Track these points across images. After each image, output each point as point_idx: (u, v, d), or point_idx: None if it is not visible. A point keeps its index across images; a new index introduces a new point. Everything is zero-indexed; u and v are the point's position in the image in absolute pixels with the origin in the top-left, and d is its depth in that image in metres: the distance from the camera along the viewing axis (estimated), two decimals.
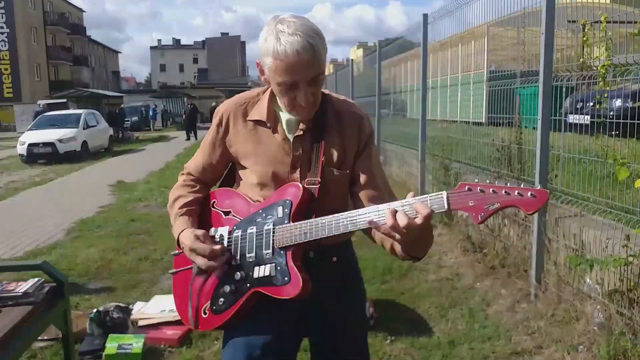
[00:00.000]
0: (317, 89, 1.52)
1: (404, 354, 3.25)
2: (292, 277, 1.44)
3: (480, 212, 1.27)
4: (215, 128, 1.67)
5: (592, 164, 3.74)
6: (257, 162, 1.59)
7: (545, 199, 1.24)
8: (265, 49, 1.45)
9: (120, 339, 3.28)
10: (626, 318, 3.08)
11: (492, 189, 1.27)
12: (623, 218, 3.35)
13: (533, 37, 5.17)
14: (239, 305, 1.51)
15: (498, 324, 3.59)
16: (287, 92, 1.48)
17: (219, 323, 1.55)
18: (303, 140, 1.57)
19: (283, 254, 1.47)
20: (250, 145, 1.61)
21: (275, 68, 1.43)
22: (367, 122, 1.68)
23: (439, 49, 8.26)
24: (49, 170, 13.87)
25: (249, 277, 1.50)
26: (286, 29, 1.41)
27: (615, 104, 4.06)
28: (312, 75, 1.46)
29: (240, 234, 1.56)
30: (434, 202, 1.32)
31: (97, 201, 8.95)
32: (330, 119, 1.62)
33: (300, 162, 1.57)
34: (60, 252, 5.67)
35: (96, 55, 67.52)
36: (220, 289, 1.54)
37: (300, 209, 1.50)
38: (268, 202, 1.56)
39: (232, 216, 1.62)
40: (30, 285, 2.19)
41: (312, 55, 1.42)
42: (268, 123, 1.59)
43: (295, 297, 1.43)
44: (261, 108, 1.61)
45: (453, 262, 4.91)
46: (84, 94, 29.92)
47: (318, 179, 1.54)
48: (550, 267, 3.85)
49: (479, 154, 5.49)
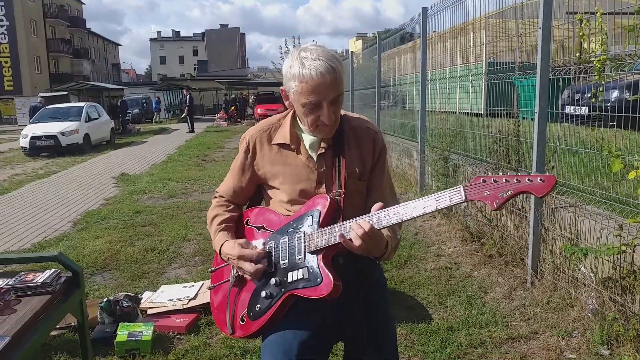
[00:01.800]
0: (338, 109, 1.66)
1: (404, 339, 3.36)
2: (324, 277, 1.55)
3: (495, 200, 1.39)
4: (244, 154, 1.82)
5: (588, 156, 3.82)
6: (285, 181, 1.75)
7: (553, 183, 1.35)
8: (290, 75, 1.61)
9: (130, 327, 3.39)
10: (619, 304, 3.19)
11: (505, 178, 1.40)
12: (617, 208, 3.45)
13: (531, 29, 5.24)
14: (275, 309, 1.63)
15: (495, 311, 3.70)
16: (312, 112, 1.62)
17: (256, 328, 1.66)
18: (325, 157, 1.73)
19: (314, 258, 1.60)
20: (278, 167, 1.77)
21: (302, 90, 1.59)
22: (380, 137, 1.83)
23: (438, 41, 8.32)
24: (51, 163, 13.96)
25: (283, 282, 1.63)
26: (309, 55, 1.58)
27: (612, 95, 4.14)
28: (334, 95, 1.60)
29: (274, 244, 1.69)
30: (453, 194, 1.45)
31: (101, 193, 9.07)
32: (349, 135, 1.77)
33: (325, 177, 1.73)
34: (67, 244, 5.78)
35: (96, 48, 67.37)
36: (257, 296, 1.67)
37: (328, 218, 1.63)
38: (298, 214, 1.69)
39: (264, 230, 1.76)
40: (47, 276, 2.28)
41: (333, 77, 1.58)
42: (292, 145, 1.75)
43: (327, 295, 1.53)
44: (284, 132, 1.77)
45: (451, 252, 5.01)
46: (84, 86, 29.86)
47: (342, 190, 1.69)
48: (546, 255, 3.95)
49: (477, 146, 5.58)
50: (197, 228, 6.27)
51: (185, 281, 4.43)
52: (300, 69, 1.58)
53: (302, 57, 1.60)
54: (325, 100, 1.60)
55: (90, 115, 17.63)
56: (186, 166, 12.29)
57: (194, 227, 6.30)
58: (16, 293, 2.17)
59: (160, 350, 3.30)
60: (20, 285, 2.22)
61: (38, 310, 2.07)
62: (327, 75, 1.56)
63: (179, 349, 3.33)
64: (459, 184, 1.47)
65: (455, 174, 5.75)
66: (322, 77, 1.56)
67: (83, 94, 28.63)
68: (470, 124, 6.23)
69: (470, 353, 3.18)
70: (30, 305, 2.10)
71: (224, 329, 1.75)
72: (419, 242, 5.28)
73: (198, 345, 3.36)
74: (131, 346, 3.27)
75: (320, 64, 1.57)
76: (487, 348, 3.22)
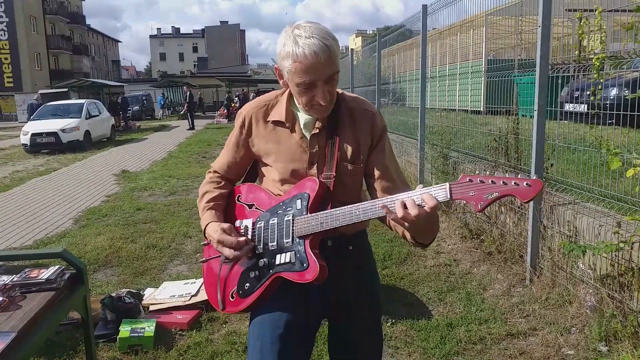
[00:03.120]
0: (333, 88, 1.62)
1: (404, 335, 3.39)
2: (310, 263, 1.57)
3: (480, 201, 1.37)
4: (239, 129, 1.80)
5: (587, 153, 3.85)
6: (278, 159, 1.72)
7: (539, 188, 1.33)
8: (284, 53, 1.57)
9: (133, 323, 3.42)
10: (617, 301, 3.22)
11: (491, 179, 1.38)
12: (615, 205, 3.47)
13: (531, 26, 5.25)
14: (263, 289, 1.65)
15: (494, 307, 3.73)
16: (306, 91, 1.58)
17: (245, 305, 1.69)
18: (319, 138, 1.70)
19: (302, 242, 1.60)
20: (271, 145, 1.74)
21: (295, 69, 1.55)
22: (379, 118, 1.78)
23: (438, 38, 8.33)
24: (52, 160, 13.99)
25: (271, 263, 1.64)
26: (303, 33, 1.53)
27: (611, 92, 4.15)
28: (328, 74, 1.56)
29: (263, 224, 1.69)
30: (438, 192, 1.42)
31: (102, 190, 9.09)
32: (344, 116, 1.73)
33: (317, 159, 1.69)
34: (69, 241, 5.80)
35: (96, 45, 67.31)
36: (246, 275, 1.69)
37: (317, 201, 1.62)
38: (288, 196, 1.68)
39: (255, 209, 1.76)
40: (52, 272, 2.31)
41: (328, 55, 1.53)
42: (287, 123, 1.71)
43: (312, 281, 1.55)
44: (280, 109, 1.73)
45: (451, 249, 5.04)
46: (84, 83, 29.82)
47: (333, 174, 1.66)
48: (545, 252, 3.98)
49: (477, 143, 5.60)
50: (198, 225, 6.29)
51: (187, 278, 4.46)
52: (293, 47, 1.53)
53: (295, 34, 1.54)
54: (319, 80, 1.56)
55: (90, 112, 17.64)
56: (187, 163, 12.32)
57: (195, 224, 6.33)
58: (21, 289, 2.20)
59: (163, 346, 3.33)
60: (25, 282, 2.25)
61: (43, 307, 2.10)
62: (321, 54, 1.52)
63: (181, 345, 3.36)
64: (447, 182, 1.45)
65: (454, 171, 5.78)
66: (316, 56, 1.52)
67: (83, 90, 28.59)
68: (469, 122, 6.25)
69: (470, 349, 3.21)
70: (35, 301, 2.14)
71: (215, 304, 1.76)
72: None
73: (200, 341, 3.39)
74: (134, 342, 3.30)
75: (314, 42, 1.52)
76: (486, 344, 3.25)
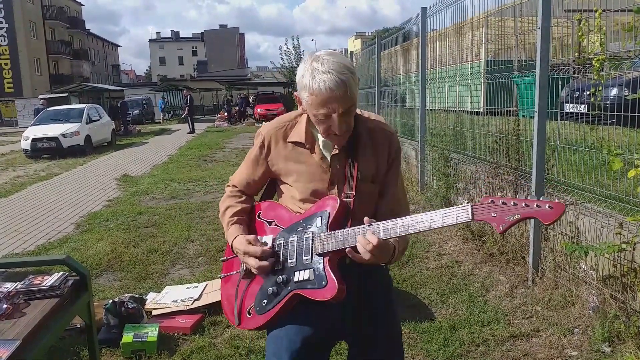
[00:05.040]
0: (350, 119, 1.67)
1: (407, 338, 3.39)
2: (329, 281, 1.58)
3: (502, 223, 1.40)
4: (259, 149, 1.84)
5: (588, 154, 3.85)
6: (299, 179, 1.77)
7: (562, 211, 1.35)
8: (302, 85, 1.62)
9: (136, 328, 3.43)
10: (620, 302, 3.22)
11: (513, 201, 1.40)
12: (617, 206, 3.47)
13: (530, 26, 5.25)
14: (281, 306, 1.66)
15: (497, 309, 3.73)
16: (323, 122, 1.63)
17: (262, 322, 1.70)
18: (339, 158, 1.74)
19: (321, 260, 1.62)
20: (291, 165, 1.78)
21: (311, 102, 1.60)
22: (396, 139, 1.82)
23: (437, 39, 8.34)
24: (53, 165, 13.99)
25: (290, 280, 1.66)
26: (320, 67, 1.57)
27: (611, 92, 4.16)
28: (344, 108, 1.60)
29: (283, 242, 1.72)
30: (461, 213, 1.46)
31: (104, 195, 9.10)
32: (363, 136, 1.76)
33: (337, 178, 1.73)
34: (71, 246, 5.81)
35: (96, 49, 67.38)
36: (264, 292, 1.71)
37: (337, 220, 1.65)
38: (308, 213, 1.71)
39: (275, 226, 1.79)
40: (56, 279, 2.32)
41: (344, 91, 1.57)
42: (307, 144, 1.76)
43: (330, 299, 1.56)
44: (299, 130, 1.78)
45: (453, 250, 5.04)
46: (85, 88, 29.90)
47: (353, 193, 1.70)
48: (547, 253, 3.98)
49: (477, 145, 5.60)
50: (200, 229, 6.31)
51: (189, 282, 4.46)
52: (310, 81, 1.58)
53: (313, 67, 1.59)
54: (334, 113, 1.60)
55: (91, 117, 17.65)
56: (187, 167, 12.33)
57: (197, 228, 6.33)
58: (25, 296, 2.21)
59: (166, 350, 3.34)
60: (29, 289, 2.26)
61: (47, 314, 2.11)
62: (336, 90, 1.56)
63: (184, 350, 3.36)
64: (467, 203, 1.48)
65: (455, 172, 5.78)
66: (331, 92, 1.56)
67: (83, 95, 28.65)
68: (469, 123, 6.25)
69: (473, 351, 3.21)
70: (39, 308, 2.14)
71: (232, 318, 1.78)
72: (421, 241, 5.30)
73: (203, 345, 3.39)
74: (137, 347, 3.31)
75: (330, 78, 1.56)
76: (489, 346, 3.25)
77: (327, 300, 1.57)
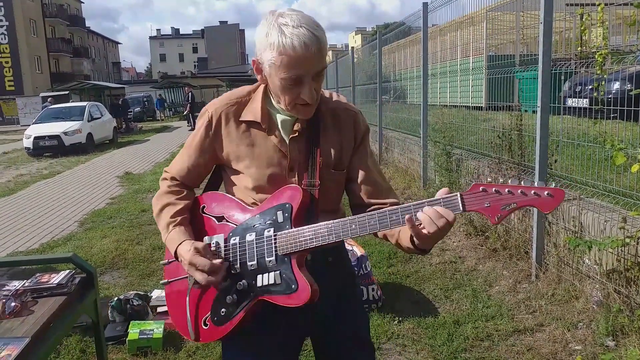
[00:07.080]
0: (319, 85, 1.45)
1: (412, 333, 3.40)
2: (300, 284, 1.39)
3: (497, 213, 1.26)
4: (204, 130, 1.57)
5: (591, 148, 3.85)
6: (252, 165, 1.51)
7: (561, 198, 1.24)
8: (266, 44, 1.36)
9: (141, 325, 3.44)
10: (623, 296, 3.23)
11: (508, 189, 1.26)
12: (620, 201, 3.48)
13: (532, 21, 5.25)
14: (243, 315, 1.45)
15: (501, 304, 3.74)
16: (291, 88, 1.40)
17: (222, 334, 1.48)
18: (299, 141, 1.51)
19: (287, 261, 1.41)
20: (244, 148, 1.52)
21: (280, 62, 1.35)
22: (361, 118, 1.62)
23: (439, 34, 8.34)
24: (55, 163, 14.02)
25: (251, 285, 1.44)
26: (289, 22, 1.34)
27: (613, 86, 4.16)
28: (317, 69, 1.39)
29: (239, 241, 1.48)
30: (448, 203, 1.30)
31: (106, 193, 9.13)
32: (326, 117, 1.55)
33: (298, 164, 1.51)
34: (75, 244, 5.84)
35: (96, 47, 67.38)
36: (222, 299, 1.47)
37: (301, 213, 1.44)
38: (265, 206, 1.48)
39: (226, 222, 1.54)
40: (63, 277, 2.33)
41: (318, 48, 1.35)
42: (263, 124, 1.51)
43: (305, 303, 1.38)
44: (254, 108, 1.52)
45: (456, 246, 5.05)
46: (85, 86, 29.88)
47: (317, 181, 1.49)
48: (551, 248, 3.99)
49: (480, 140, 5.61)
50: None
51: None
52: (279, 37, 1.33)
53: (280, 23, 1.34)
54: (307, 75, 1.37)
55: (92, 115, 17.68)
56: None
57: None
58: (33, 294, 2.22)
59: (172, 347, 3.35)
60: (37, 287, 2.27)
61: (55, 311, 2.11)
62: (311, 45, 1.33)
63: (189, 346, 3.37)
64: (456, 191, 1.32)
65: (458, 168, 5.78)
66: (306, 47, 1.32)
67: (84, 93, 28.65)
68: (471, 118, 6.25)
69: (477, 346, 3.22)
70: (46, 306, 2.15)
71: (186, 334, 1.54)
72: None
73: (208, 342, 3.39)
74: (143, 344, 3.33)
75: (303, 32, 1.32)
76: (493, 341, 3.27)
77: (301, 305, 1.39)
